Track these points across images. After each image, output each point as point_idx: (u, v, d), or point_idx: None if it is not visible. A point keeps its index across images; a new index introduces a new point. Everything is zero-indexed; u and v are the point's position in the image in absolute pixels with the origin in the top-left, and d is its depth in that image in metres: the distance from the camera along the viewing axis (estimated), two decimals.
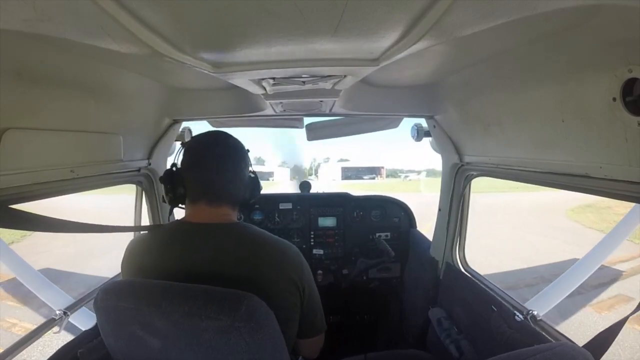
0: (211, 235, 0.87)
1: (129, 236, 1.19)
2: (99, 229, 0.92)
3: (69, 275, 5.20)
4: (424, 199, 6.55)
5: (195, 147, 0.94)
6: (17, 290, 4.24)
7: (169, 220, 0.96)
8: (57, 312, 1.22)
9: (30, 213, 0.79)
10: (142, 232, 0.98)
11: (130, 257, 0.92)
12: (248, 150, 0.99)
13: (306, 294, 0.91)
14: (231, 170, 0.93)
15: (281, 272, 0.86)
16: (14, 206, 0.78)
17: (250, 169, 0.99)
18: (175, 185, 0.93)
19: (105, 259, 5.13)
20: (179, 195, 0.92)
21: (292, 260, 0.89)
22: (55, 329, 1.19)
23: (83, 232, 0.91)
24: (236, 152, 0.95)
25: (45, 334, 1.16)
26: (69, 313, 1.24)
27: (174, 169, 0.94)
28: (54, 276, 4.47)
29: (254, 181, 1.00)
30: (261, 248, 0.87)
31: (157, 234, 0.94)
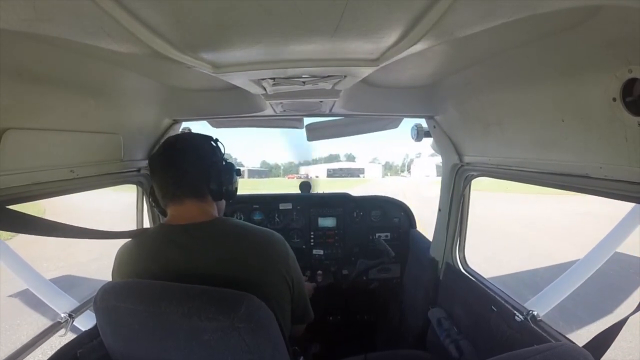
0: (194, 238, 0.86)
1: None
2: (99, 234, 0.92)
3: None
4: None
5: (158, 152, 0.95)
6: None
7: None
8: (62, 315, 1.21)
9: (29, 215, 0.78)
10: (130, 240, 0.97)
11: (120, 265, 0.92)
12: (216, 140, 0.99)
13: (295, 285, 0.92)
14: (198, 162, 0.92)
15: (268, 265, 0.86)
16: (12, 207, 0.78)
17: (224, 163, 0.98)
18: (152, 192, 0.96)
19: None
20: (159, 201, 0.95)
21: (279, 251, 0.90)
22: (61, 332, 1.18)
23: (82, 238, 0.90)
24: (196, 146, 0.95)
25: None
26: (74, 315, 1.23)
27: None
28: None
29: (228, 170, 0.97)
30: (245, 243, 0.87)
31: (144, 240, 0.93)
